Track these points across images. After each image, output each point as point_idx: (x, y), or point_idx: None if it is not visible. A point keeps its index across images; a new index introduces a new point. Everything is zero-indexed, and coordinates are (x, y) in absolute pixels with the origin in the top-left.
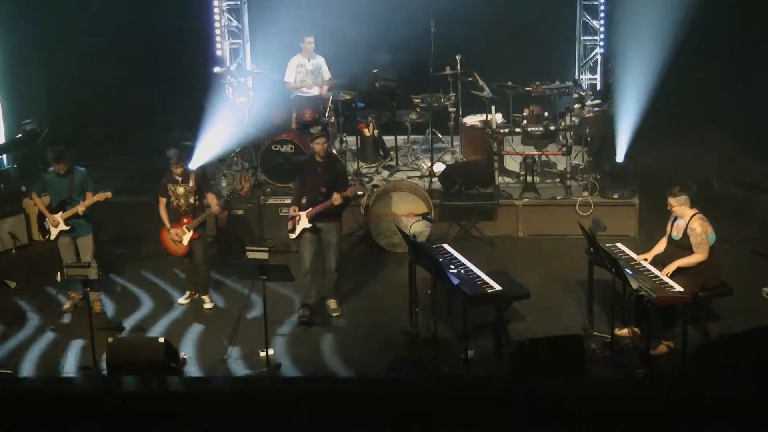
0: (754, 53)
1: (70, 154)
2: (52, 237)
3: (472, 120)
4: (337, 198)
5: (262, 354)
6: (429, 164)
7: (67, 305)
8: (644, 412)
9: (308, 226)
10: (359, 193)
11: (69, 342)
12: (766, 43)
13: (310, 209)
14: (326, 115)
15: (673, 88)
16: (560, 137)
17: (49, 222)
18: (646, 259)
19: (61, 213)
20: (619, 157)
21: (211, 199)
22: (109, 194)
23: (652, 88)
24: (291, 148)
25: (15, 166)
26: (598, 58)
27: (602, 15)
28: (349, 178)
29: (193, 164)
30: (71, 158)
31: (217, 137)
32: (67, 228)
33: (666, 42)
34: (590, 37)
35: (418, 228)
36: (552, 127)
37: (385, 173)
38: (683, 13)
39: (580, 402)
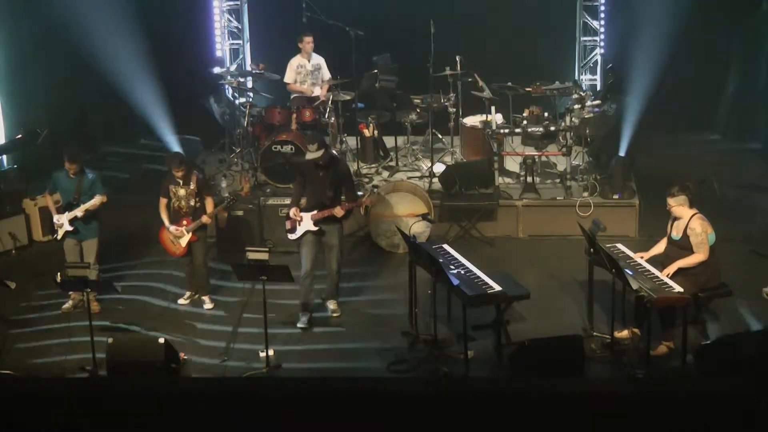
0: (754, 52)
1: (82, 156)
2: (59, 237)
3: (472, 120)
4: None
5: (262, 354)
6: (429, 165)
7: (67, 305)
8: (644, 413)
9: (313, 229)
10: (375, 203)
11: (69, 342)
12: (765, 41)
13: (315, 212)
14: (326, 116)
15: (673, 88)
16: (560, 138)
17: (55, 222)
18: (643, 257)
19: (66, 213)
20: (622, 151)
21: (209, 205)
22: (104, 198)
23: (652, 88)
24: (291, 149)
25: (15, 166)
26: (598, 58)
27: (602, 15)
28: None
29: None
30: (83, 160)
31: None
32: (71, 229)
33: (666, 42)
34: (590, 38)
35: (418, 228)
36: (552, 128)
37: (385, 174)
38: (683, 13)
39: (580, 402)
